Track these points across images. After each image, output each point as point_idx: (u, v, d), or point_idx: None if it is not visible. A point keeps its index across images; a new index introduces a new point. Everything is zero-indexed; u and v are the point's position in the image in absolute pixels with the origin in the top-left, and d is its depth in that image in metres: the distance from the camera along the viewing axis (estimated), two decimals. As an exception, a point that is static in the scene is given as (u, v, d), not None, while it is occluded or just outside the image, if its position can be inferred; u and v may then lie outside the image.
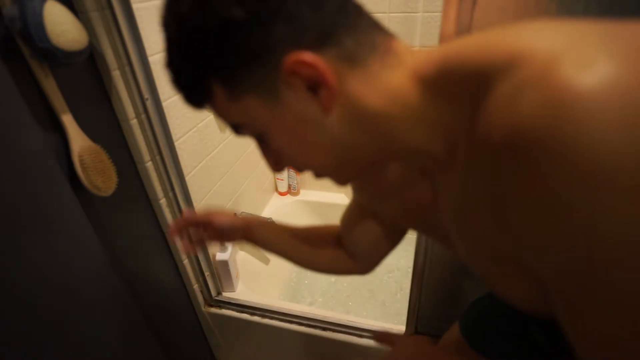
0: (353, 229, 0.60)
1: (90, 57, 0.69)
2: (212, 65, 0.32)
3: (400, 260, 1.56)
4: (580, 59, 0.22)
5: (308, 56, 0.30)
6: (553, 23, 0.27)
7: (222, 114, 0.36)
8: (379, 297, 1.45)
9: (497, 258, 0.32)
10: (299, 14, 0.30)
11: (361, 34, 0.32)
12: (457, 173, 0.32)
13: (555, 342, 0.53)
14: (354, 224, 0.60)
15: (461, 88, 0.29)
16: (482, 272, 0.37)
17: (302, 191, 1.72)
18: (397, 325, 1.00)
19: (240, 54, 0.31)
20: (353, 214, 0.60)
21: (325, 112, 0.32)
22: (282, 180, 1.67)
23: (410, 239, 0.68)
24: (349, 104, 0.32)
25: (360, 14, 0.33)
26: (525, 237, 0.26)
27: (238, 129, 0.37)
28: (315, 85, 0.31)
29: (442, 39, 0.54)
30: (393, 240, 0.60)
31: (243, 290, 1.20)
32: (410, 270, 0.85)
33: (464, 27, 0.52)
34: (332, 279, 1.53)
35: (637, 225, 0.20)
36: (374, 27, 0.33)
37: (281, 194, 1.71)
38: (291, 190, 1.71)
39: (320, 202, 1.69)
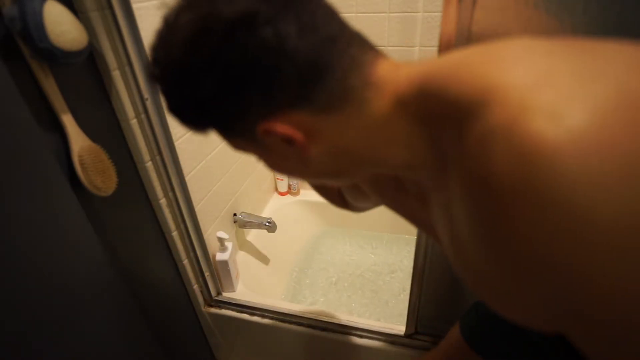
0: (350, 193, 0.64)
1: (90, 57, 0.69)
2: (202, 120, 0.36)
3: (404, 261, 1.56)
4: (550, 107, 0.22)
5: (277, 126, 0.32)
6: (532, 49, 0.27)
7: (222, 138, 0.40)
8: (382, 297, 1.44)
9: (487, 279, 0.32)
10: (267, 87, 0.31)
11: (336, 85, 0.31)
12: (446, 192, 0.32)
13: (556, 345, 0.53)
14: (350, 190, 0.63)
15: (438, 116, 0.30)
16: (475, 288, 0.37)
17: (302, 191, 1.72)
18: (399, 325, 1.00)
19: (219, 120, 0.35)
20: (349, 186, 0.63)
21: (303, 155, 0.35)
22: (282, 180, 1.67)
23: (411, 240, 0.68)
24: (327, 145, 0.34)
25: (335, 62, 0.31)
26: (513, 282, 0.27)
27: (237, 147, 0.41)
28: (288, 142, 0.34)
29: (442, 39, 0.54)
30: None
31: (243, 291, 1.20)
32: (411, 270, 0.85)
33: (464, 27, 0.52)
34: (333, 279, 1.53)
35: (625, 269, 0.21)
36: (353, 66, 0.32)
37: (281, 194, 1.71)
38: (291, 190, 1.71)
39: (321, 202, 1.67)
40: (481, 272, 0.31)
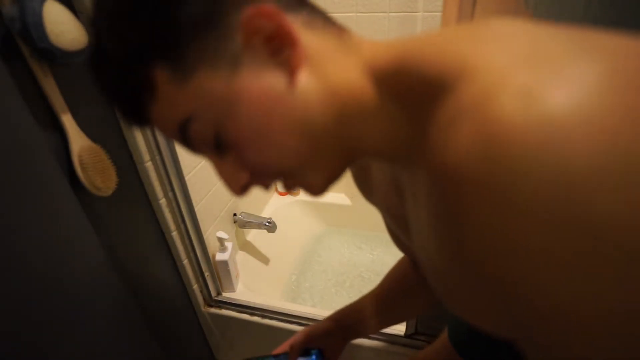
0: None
1: (90, 57, 0.69)
2: (154, 45, 0.27)
3: (402, 261, 1.56)
4: (525, 88, 0.19)
5: (269, 7, 0.26)
6: (518, 28, 0.24)
7: (168, 112, 0.29)
8: (380, 297, 1.44)
9: (445, 280, 0.30)
10: None
11: (316, 7, 0.31)
12: (415, 181, 0.30)
13: None
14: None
15: (413, 95, 0.28)
16: (435, 290, 0.34)
17: (302, 191, 1.72)
18: (398, 326, 0.99)
19: (189, 21, 0.26)
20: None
21: (292, 75, 0.28)
22: (282, 180, 1.67)
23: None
24: (319, 75, 0.29)
25: None
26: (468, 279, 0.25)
27: (186, 129, 0.30)
28: (278, 46, 0.28)
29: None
30: None
31: (243, 291, 1.20)
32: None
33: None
34: (333, 279, 1.53)
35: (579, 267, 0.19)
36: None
37: (281, 194, 1.71)
38: (291, 191, 1.71)
39: (320, 202, 1.69)
40: (440, 271, 0.29)
